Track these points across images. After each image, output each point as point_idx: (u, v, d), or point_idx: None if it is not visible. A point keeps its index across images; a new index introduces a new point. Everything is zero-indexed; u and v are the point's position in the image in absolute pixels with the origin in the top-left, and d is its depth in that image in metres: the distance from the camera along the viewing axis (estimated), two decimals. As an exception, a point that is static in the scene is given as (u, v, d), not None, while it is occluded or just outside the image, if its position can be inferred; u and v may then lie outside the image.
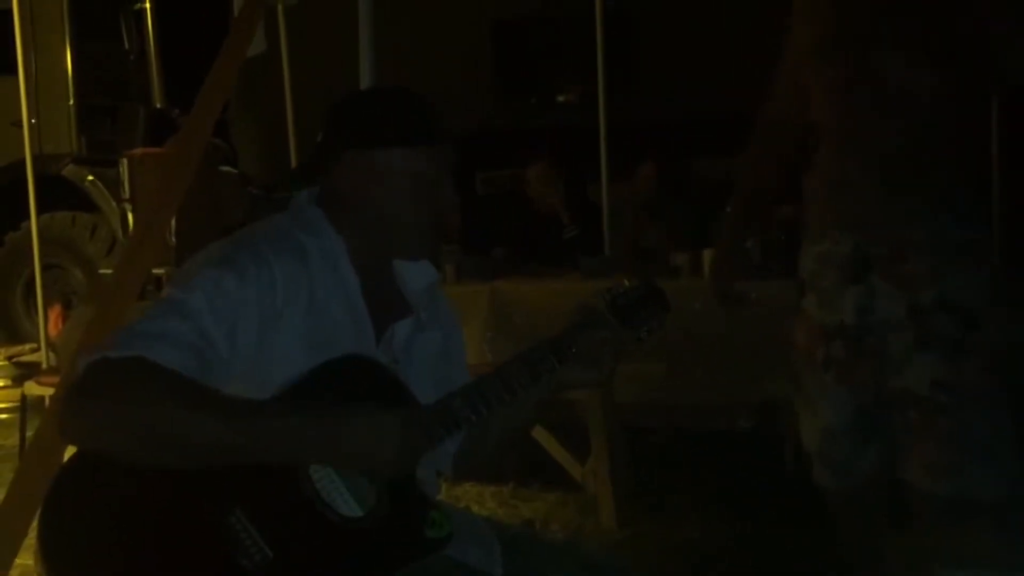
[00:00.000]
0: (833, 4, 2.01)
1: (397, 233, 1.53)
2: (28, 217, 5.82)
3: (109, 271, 6.63)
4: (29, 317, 7.66)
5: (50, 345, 5.65)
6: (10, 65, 5.82)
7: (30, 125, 5.86)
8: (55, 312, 6.16)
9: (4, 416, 5.58)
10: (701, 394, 3.80)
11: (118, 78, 8.42)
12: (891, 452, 2.00)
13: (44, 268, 6.05)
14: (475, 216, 5.75)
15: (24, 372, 6.08)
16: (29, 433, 3.77)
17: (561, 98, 8.41)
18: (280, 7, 4.80)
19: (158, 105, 8.61)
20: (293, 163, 5.66)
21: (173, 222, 6.19)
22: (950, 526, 1.92)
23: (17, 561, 2.65)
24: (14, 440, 4.38)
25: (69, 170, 7.74)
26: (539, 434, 3.60)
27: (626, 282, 1.60)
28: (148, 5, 8.49)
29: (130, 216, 7.19)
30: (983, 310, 1.91)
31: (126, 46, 8.58)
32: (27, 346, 7.15)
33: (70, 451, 1.39)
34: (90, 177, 7.72)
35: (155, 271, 5.23)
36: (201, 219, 6.14)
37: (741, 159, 2.29)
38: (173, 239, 6.32)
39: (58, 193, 7.40)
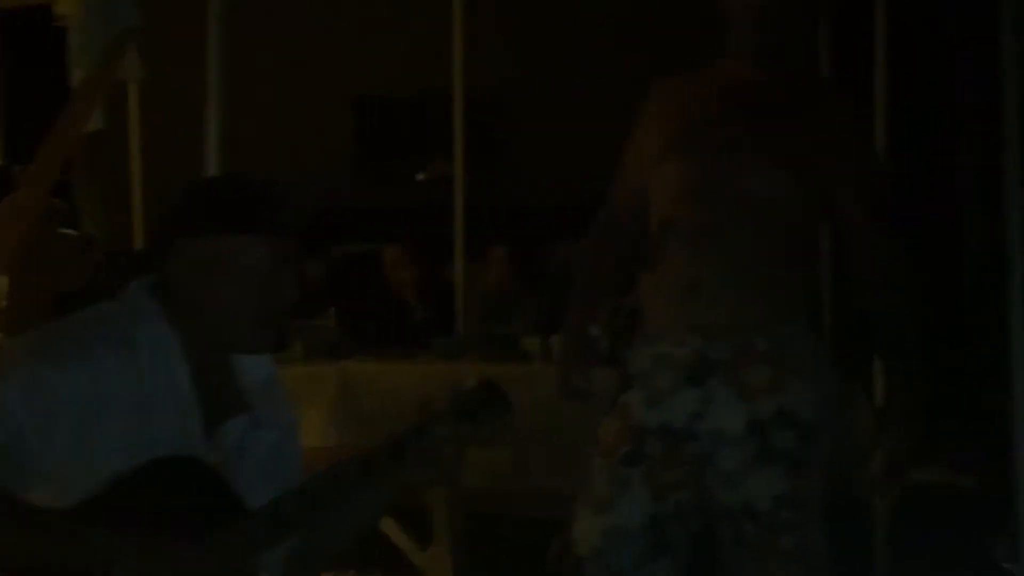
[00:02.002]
0: (686, 107, 2.03)
1: (229, 326, 1.47)
2: None
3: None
4: None
5: None
6: None
7: None
8: None
9: None
10: (549, 481, 3.78)
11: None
12: (683, 569, 1.98)
13: None
14: (328, 291, 5.69)
15: None
16: None
17: (421, 176, 8.45)
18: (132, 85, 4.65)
19: (-2, 161, 8.22)
20: (138, 228, 5.46)
21: (6, 284, 5.87)
22: None
23: None
24: None
25: None
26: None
27: (468, 382, 1.59)
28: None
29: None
30: (820, 424, 1.93)
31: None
32: None
33: None
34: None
35: (-18, 335, 4.92)
36: (37, 283, 5.83)
37: (577, 249, 2.28)
38: (4, 302, 5.97)
39: None
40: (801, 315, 1.99)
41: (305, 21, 7.85)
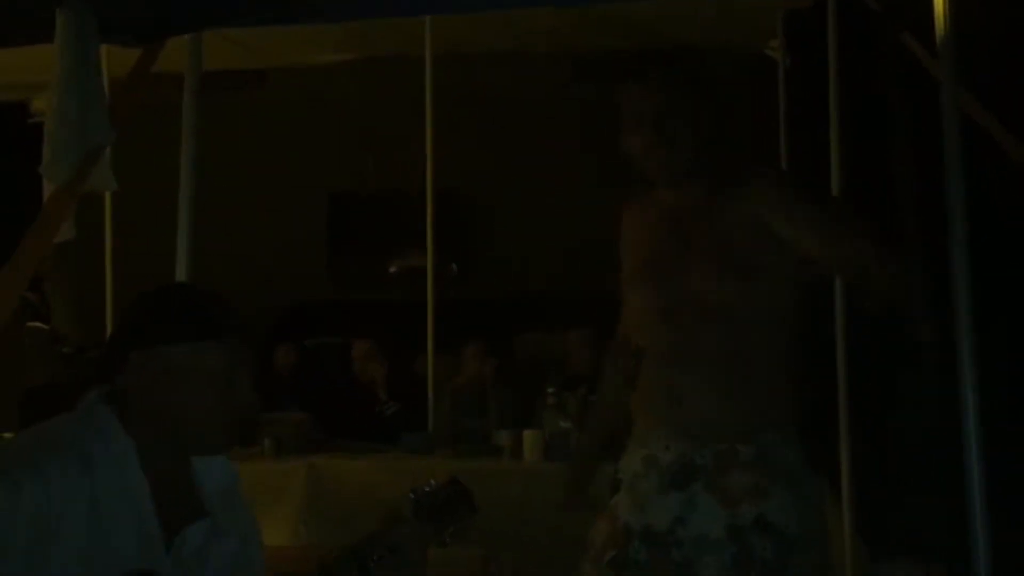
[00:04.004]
0: (638, 242, 2.11)
1: (189, 432, 1.48)
2: None
3: None
4: None
5: None
6: None
7: None
8: None
9: None
10: (518, 580, 3.73)
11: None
12: None
13: None
14: (300, 383, 5.66)
15: None
16: None
17: (393, 269, 8.51)
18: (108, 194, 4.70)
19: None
20: (109, 324, 5.45)
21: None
22: None
23: None
24: None
25: None
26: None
27: (433, 481, 1.59)
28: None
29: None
30: (801, 534, 1.93)
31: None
32: None
33: None
34: None
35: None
36: (3, 376, 5.78)
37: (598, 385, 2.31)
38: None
39: None
40: (787, 420, 2.00)
41: (282, 121, 7.99)
